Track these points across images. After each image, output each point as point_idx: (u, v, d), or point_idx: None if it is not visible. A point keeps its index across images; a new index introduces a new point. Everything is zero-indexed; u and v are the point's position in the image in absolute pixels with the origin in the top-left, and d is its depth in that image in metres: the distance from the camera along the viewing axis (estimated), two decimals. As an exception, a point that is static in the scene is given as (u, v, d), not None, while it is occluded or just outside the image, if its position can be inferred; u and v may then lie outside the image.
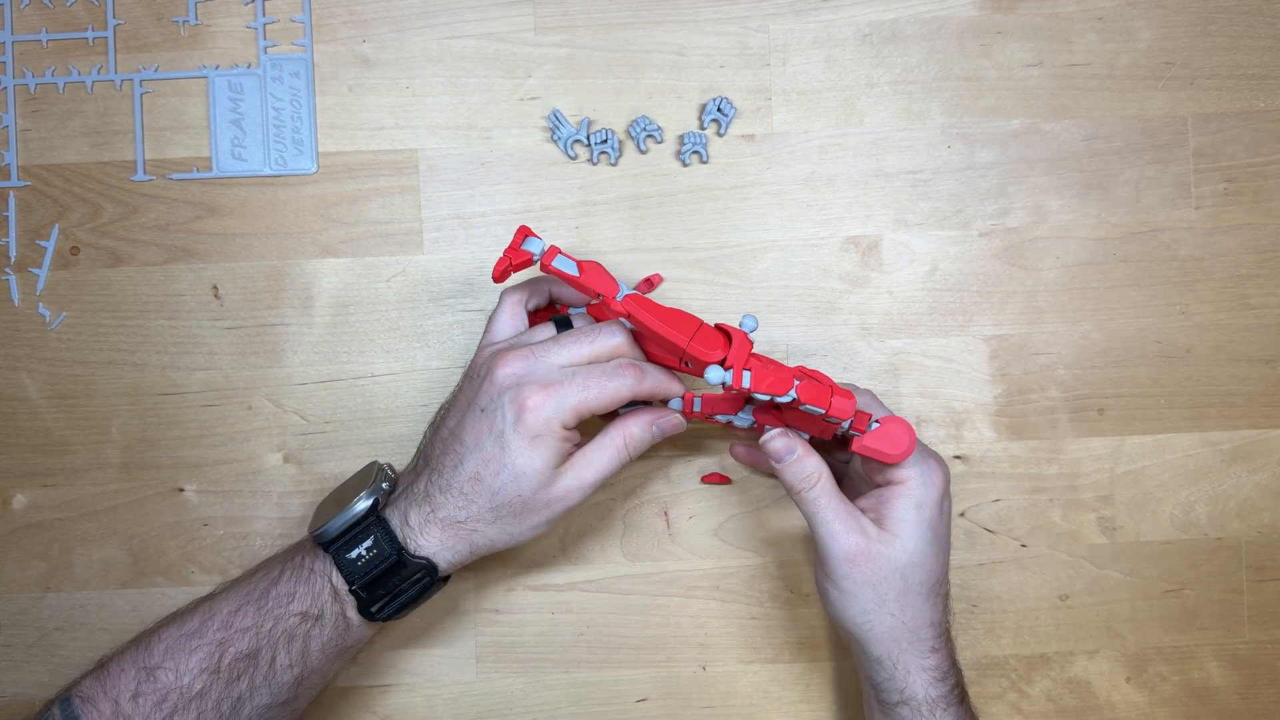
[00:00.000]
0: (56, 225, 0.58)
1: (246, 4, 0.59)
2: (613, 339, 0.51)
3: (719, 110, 0.58)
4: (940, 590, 0.51)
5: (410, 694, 0.59)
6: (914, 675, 0.50)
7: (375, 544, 0.49)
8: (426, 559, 0.50)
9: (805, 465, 0.50)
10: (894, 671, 0.50)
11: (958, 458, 0.59)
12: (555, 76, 0.59)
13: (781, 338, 0.59)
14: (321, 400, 0.58)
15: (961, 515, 0.59)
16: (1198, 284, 0.59)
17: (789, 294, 0.59)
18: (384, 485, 0.51)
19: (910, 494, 0.50)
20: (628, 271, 0.59)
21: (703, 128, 0.59)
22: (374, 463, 0.54)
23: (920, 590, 0.50)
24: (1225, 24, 0.59)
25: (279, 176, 0.59)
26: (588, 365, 0.50)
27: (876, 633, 0.50)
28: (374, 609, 0.50)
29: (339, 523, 0.50)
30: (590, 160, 0.59)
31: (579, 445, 0.50)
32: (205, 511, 0.58)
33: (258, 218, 0.59)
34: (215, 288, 0.59)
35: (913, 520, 0.50)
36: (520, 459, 0.49)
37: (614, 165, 0.59)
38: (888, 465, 0.50)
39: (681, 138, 0.59)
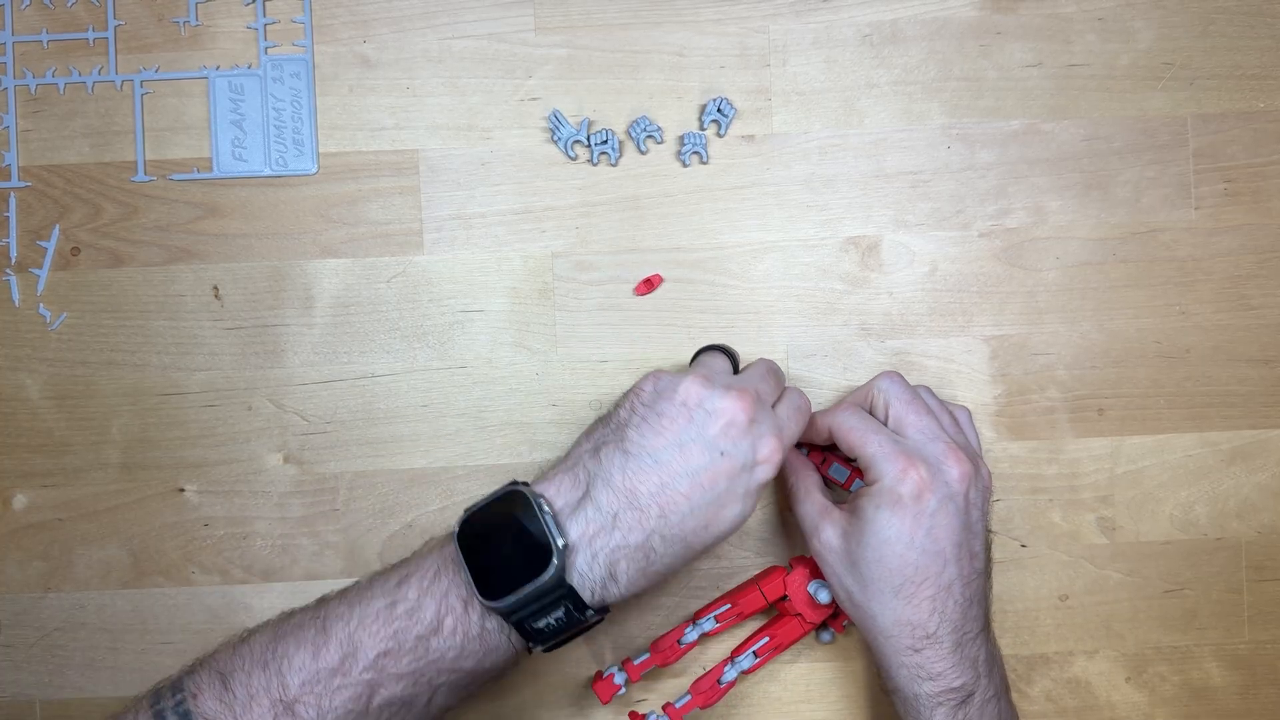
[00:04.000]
0: (57, 226, 0.58)
1: (247, 4, 0.59)
2: (782, 375, 0.54)
3: (719, 111, 0.58)
4: (919, 592, 0.50)
5: (410, 694, 0.59)
6: (895, 669, 0.51)
7: (565, 613, 0.45)
8: (610, 605, 0.47)
9: (790, 475, 0.55)
10: (878, 658, 0.52)
11: (958, 458, 0.59)
12: (555, 77, 0.59)
13: (782, 338, 0.59)
14: (322, 400, 0.59)
15: (961, 515, 0.59)
16: (1197, 284, 0.59)
17: (789, 294, 0.59)
18: (560, 544, 0.45)
19: (874, 496, 0.50)
20: (628, 271, 0.59)
21: (703, 128, 0.59)
22: (521, 493, 0.47)
23: (884, 586, 0.50)
24: (1225, 24, 0.59)
25: (280, 177, 0.59)
26: (784, 397, 0.52)
27: (858, 624, 0.52)
28: (545, 648, 0.48)
29: (527, 597, 0.45)
30: (590, 161, 0.59)
31: None
32: (206, 512, 0.58)
33: (258, 218, 0.59)
34: (216, 288, 0.59)
35: (870, 517, 0.50)
36: (749, 505, 0.48)
37: (614, 166, 0.59)
38: (863, 468, 0.52)
39: (681, 138, 0.59)
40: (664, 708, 0.54)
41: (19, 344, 0.58)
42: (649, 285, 0.59)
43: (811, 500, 0.53)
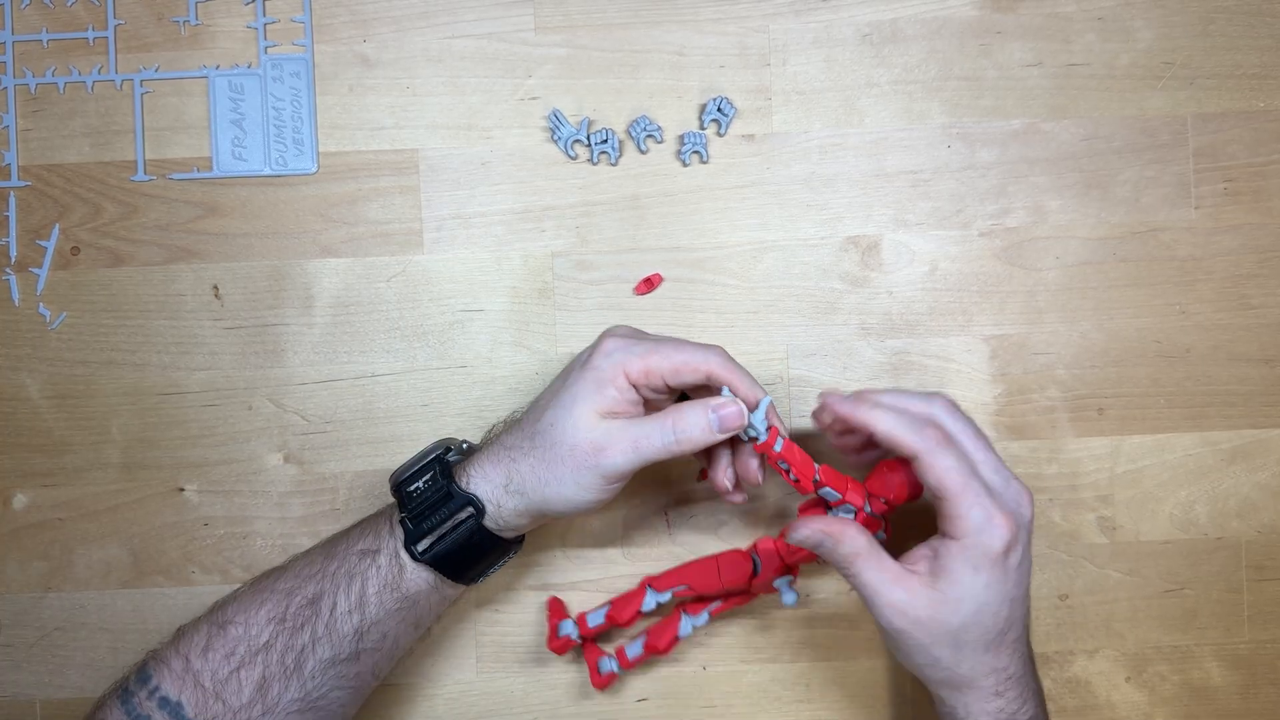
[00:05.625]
0: (57, 225, 0.58)
1: (247, 4, 0.59)
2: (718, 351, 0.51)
3: (719, 110, 0.58)
4: (1006, 639, 0.48)
5: (410, 694, 0.59)
6: (976, 717, 0.49)
7: (433, 478, 0.50)
8: (475, 496, 0.49)
9: (841, 547, 0.48)
10: (954, 712, 0.49)
11: (958, 457, 0.59)
12: (555, 76, 0.59)
13: (781, 338, 0.59)
14: (322, 400, 0.59)
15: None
16: (1197, 284, 0.59)
17: (789, 294, 0.59)
18: (462, 443, 0.54)
19: (966, 553, 0.47)
20: (628, 271, 0.59)
21: (703, 128, 0.59)
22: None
23: (978, 645, 0.48)
24: (1225, 24, 0.59)
25: (279, 176, 0.59)
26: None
27: (934, 681, 0.50)
28: (419, 546, 0.49)
29: (409, 462, 0.52)
30: (590, 160, 0.59)
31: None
32: (206, 511, 0.58)
33: (258, 218, 0.59)
34: (216, 288, 0.59)
35: (968, 582, 0.47)
36: (569, 392, 0.49)
37: (614, 165, 0.59)
38: (945, 514, 0.47)
39: (681, 138, 0.59)
40: (616, 651, 0.55)
41: (19, 344, 0.58)
42: (649, 285, 0.59)
43: (879, 565, 0.48)
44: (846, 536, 0.48)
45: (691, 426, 0.49)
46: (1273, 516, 0.59)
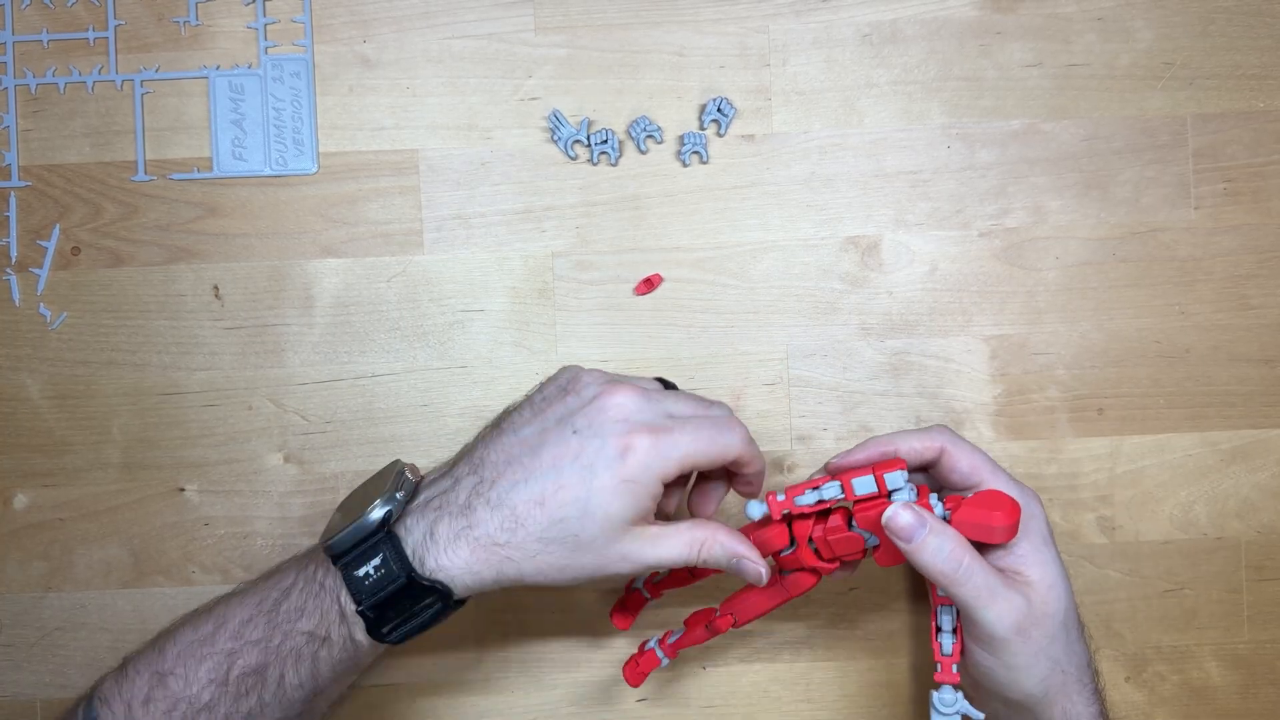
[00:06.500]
0: (57, 225, 0.58)
1: (247, 4, 0.59)
2: (724, 409, 0.48)
3: (719, 110, 0.58)
4: (1079, 624, 0.47)
5: (410, 694, 0.59)
6: None
7: (384, 563, 0.45)
8: (441, 583, 0.45)
9: (945, 543, 0.44)
10: None
11: (957, 457, 0.59)
12: (555, 76, 0.59)
13: (781, 338, 0.59)
14: (322, 400, 0.59)
15: (961, 515, 0.59)
16: (1197, 284, 0.59)
17: (789, 294, 0.59)
18: (399, 495, 0.47)
19: (1031, 530, 0.45)
20: (628, 271, 0.59)
21: (703, 128, 0.59)
22: (396, 462, 0.51)
23: (1075, 631, 0.46)
24: (1225, 24, 0.59)
25: (279, 176, 0.59)
26: (696, 416, 0.47)
27: (1052, 696, 0.47)
28: (384, 630, 0.46)
29: (348, 535, 0.46)
30: (590, 160, 0.59)
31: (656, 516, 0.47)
32: (206, 511, 0.58)
33: (258, 218, 0.59)
34: (216, 288, 0.59)
35: (1047, 560, 0.45)
36: (600, 497, 0.44)
37: (614, 165, 0.59)
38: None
39: (681, 138, 0.59)
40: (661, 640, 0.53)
41: (19, 344, 0.58)
42: (649, 285, 0.59)
43: (985, 570, 0.45)
44: (949, 533, 0.45)
45: (716, 556, 0.47)
46: (1272, 517, 0.59)
